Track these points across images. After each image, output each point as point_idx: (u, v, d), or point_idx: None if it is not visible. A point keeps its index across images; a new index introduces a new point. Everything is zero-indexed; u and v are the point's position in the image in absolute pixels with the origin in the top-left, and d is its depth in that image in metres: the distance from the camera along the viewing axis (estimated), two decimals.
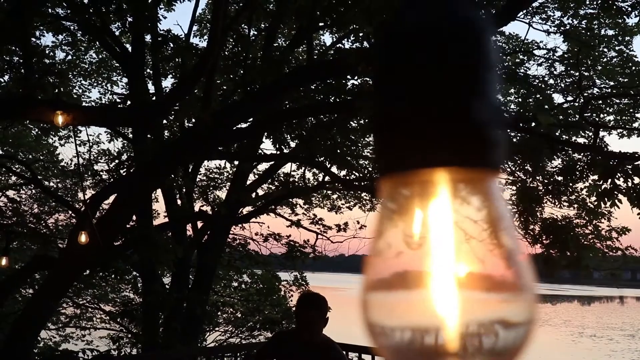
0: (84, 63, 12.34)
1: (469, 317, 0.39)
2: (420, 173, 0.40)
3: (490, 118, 0.40)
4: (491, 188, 0.41)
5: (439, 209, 0.40)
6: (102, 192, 6.56)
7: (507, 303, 0.40)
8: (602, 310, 59.87)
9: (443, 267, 0.40)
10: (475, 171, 0.40)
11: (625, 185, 4.77)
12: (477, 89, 0.40)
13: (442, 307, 0.39)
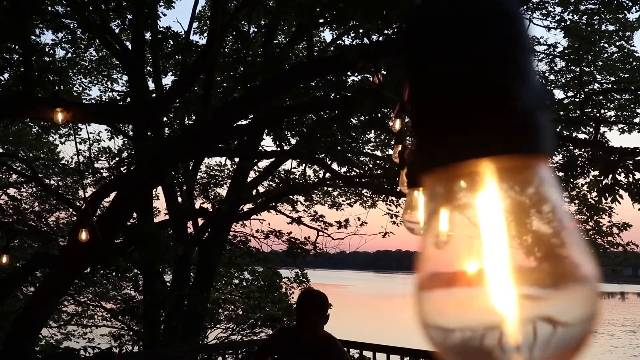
0: (84, 61, 12.34)
1: (527, 314, 0.37)
2: (468, 165, 0.38)
3: (534, 102, 0.38)
4: (542, 175, 0.39)
5: (490, 201, 0.39)
6: (102, 189, 6.56)
7: (567, 297, 0.38)
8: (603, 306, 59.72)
9: (498, 263, 0.38)
10: (524, 158, 0.38)
11: (626, 181, 4.76)
12: (517, 73, 0.39)
13: (500, 303, 0.38)
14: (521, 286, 0.38)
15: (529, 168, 0.39)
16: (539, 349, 0.37)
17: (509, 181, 0.39)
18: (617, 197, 4.87)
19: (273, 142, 8.30)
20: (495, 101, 0.38)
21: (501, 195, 0.39)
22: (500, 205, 0.39)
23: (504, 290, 0.38)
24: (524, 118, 0.38)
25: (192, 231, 10.53)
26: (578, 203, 9.68)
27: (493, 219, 0.39)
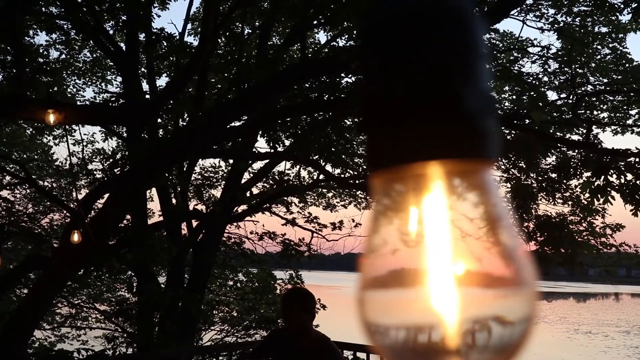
0: (78, 62, 12.30)
1: (467, 315, 0.38)
2: (414, 167, 0.39)
3: (482, 107, 0.39)
4: (486, 180, 0.40)
5: (434, 204, 0.39)
6: (95, 191, 6.55)
7: (506, 299, 0.39)
8: (598, 306, 60.03)
9: (440, 264, 0.39)
10: (470, 163, 0.39)
11: (618, 182, 4.78)
12: (466, 78, 0.39)
13: (440, 304, 0.38)
14: (462, 288, 0.39)
15: (474, 173, 0.39)
16: (478, 349, 0.38)
17: (454, 185, 0.39)
18: (609, 199, 4.89)
19: (266, 144, 8.31)
20: (442, 106, 0.38)
21: (446, 198, 0.39)
22: (445, 208, 0.39)
23: (446, 291, 0.38)
24: (470, 123, 0.38)
25: (186, 233, 10.52)
26: (571, 204, 9.71)
27: (437, 222, 0.39)
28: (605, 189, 4.81)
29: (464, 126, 0.38)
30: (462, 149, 0.38)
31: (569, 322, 39.94)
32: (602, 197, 4.91)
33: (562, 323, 39.56)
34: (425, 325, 0.39)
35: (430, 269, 0.39)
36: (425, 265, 0.39)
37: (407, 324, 0.39)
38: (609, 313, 49.31)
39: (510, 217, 0.40)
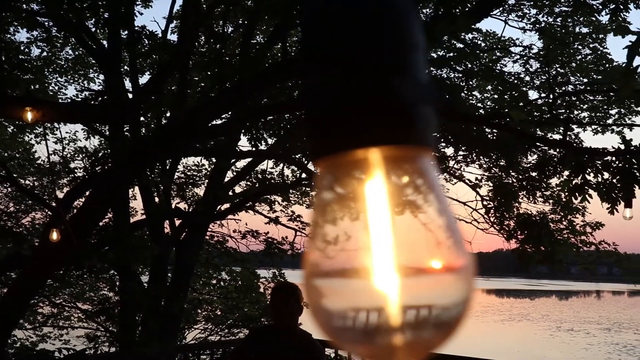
0: (60, 59, 12.20)
1: (408, 296, 0.40)
2: (352, 154, 0.40)
3: (418, 96, 0.40)
4: (425, 166, 0.41)
5: (375, 190, 0.40)
6: (76, 189, 6.51)
7: (445, 282, 0.40)
8: (580, 304, 60.60)
9: (382, 248, 0.40)
10: (407, 149, 0.40)
11: (595, 180, 4.85)
12: (402, 68, 0.40)
13: (383, 287, 0.40)
14: (404, 272, 0.40)
15: (412, 159, 0.41)
16: (417, 329, 0.40)
17: (393, 171, 0.40)
18: (586, 197, 4.96)
19: (248, 142, 8.30)
20: (379, 94, 0.39)
21: (386, 185, 0.40)
22: (384, 195, 0.40)
23: (388, 275, 0.40)
24: (405, 111, 0.39)
25: (169, 231, 10.49)
26: (552, 203, 9.81)
27: (378, 207, 0.40)
28: (582, 188, 4.87)
29: (400, 114, 0.39)
30: (398, 135, 0.39)
31: (552, 320, 40.27)
32: (579, 196, 4.97)
33: (544, 321, 39.88)
34: (368, 308, 0.40)
35: (373, 254, 0.40)
36: (369, 250, 0.40)
37: (351, 306, 0.40)
38: (590, 311, 49.79)
39: (448, 202, 0.42)
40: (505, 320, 40.34)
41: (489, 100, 10.36)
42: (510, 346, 25.19)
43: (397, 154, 0.40)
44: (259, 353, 3.79)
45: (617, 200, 4.69)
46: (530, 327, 36.07)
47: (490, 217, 9.56)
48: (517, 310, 48.26)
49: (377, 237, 0.40)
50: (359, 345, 0.41)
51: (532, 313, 45.93)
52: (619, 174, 4.56)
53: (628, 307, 56.34)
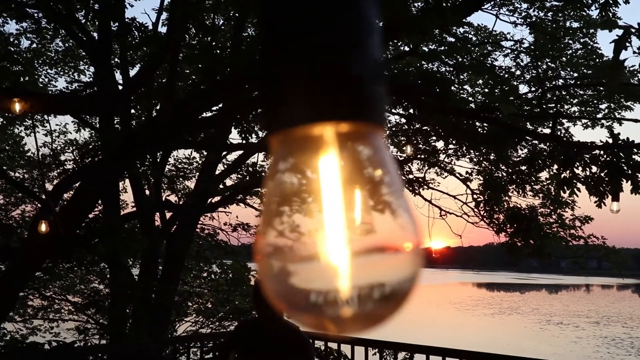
0: (50, 51, 12.12)
1: (357, 271, 0.40)
2: (304, 129, 0.40)
3: (370, 73, 0.41)
4: (376, 143, 0.41)
5: (326, 166, 0.41)
6: (65, 181, 6.48)
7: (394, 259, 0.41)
8: (569, 298, 61.00)
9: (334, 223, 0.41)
10: (358, 125, 0.41)
11: (584, 174, 4.88)
12: (355, 47, 0.41)
13: (333, 262, 0.40)
14: (354, 247, 0.41)
15: (364, 136, 0.41)
16: (366, 303, 0.40)
17: (345, 148, 0.41)
18: (574, 190, 4.99)
19: (239, 135, 8.28)
20: (331, 71, 0.40)
21: (338, 161, 0.41)
22: (336, 171, 0.41)
23: (338, 251, 0.41)
24: (358, 88, 0.40)
25: (160, 224, 10.47)
26: (542, 197, 9.86)
27: (330, 183, 0.41)
28: (571, 181, 4.90)
29: (352, 90, 0.40)
30: (349, 111, 0.40)
31: (541, 313, 40.54)
32: (568, 189, 5.00)
33: (534, 314, 40.14)
34: (318, 281, 0.41)
35: (325, 228, 0.41)
36: (320, 225, 0.41)
37: (302, 280, 0.41)
38: (580, 304, 50.14)
39: (399, 179, 0.42)
40: (495, 313, 40.57)
41: (480, 95, 10.38)
42: (500, 339, 25.33)
43: (349, 130, 0.41)
44: (246, 345, 3.81)
45: (605, 193, 4.73)
46: (520, 321, 36.29)
47: (480, 210, 9.61)
48: (507, 304, 48.53)
49: (329, 213, 0.41)
50: (309, 316, 0.42)
51: (522, 306, 46.21)
52: (606, 168, 4.59)
53: (617, 301, 56.78)
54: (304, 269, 0.42)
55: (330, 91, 0.40)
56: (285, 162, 0.42)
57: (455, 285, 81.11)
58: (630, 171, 4.41)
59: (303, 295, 0.41)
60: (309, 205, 0.41)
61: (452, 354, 5.76)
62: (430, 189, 10.86)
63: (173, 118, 5.18)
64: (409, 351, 6.33)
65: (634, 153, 4.41)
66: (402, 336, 6.96)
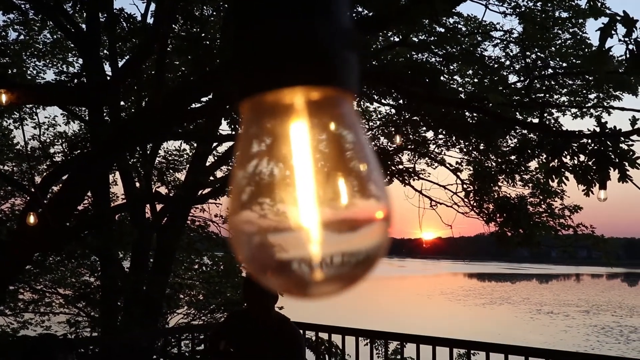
0: (38, 43, 12.03)
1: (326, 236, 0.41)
2: (274, 95, 0.41)
3: (339, 40, 0.41)
4: (346, 109, 0.42)
5: (296, 132, 0.41)
6: (53, 173, 6.46)
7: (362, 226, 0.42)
8: (560, 287, 61.42)
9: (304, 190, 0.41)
10: (327, 90, 0.41)
11: (572, 163, 4.91)
12: (324, 15, 0.41)
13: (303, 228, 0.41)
14: (324, 213, 0.41)
15: (334, 102, 0.42)
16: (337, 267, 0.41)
17: (315, 114, 0.41)
18: (563, 179, 5.02)
19: (228, 126, 8.26)
20: (301, 36, 0.40)
21: (308, 127, 0.41)
22: (307, 137, 0.41)
23: (309, 217, 0.41)
24: (327, 53, 0.40)
25: (150, 216, 10.44)
26: (532, 186, 9.91)
27: (300, 149, 0.41)
28: (559, 170, 4.93)
29: (321, 56, 0.40)
30: (319, 76, 0.40)
31: (532, 303, 40.80)
32: (556, 178, 5.04)
33: (525, 304, 40.39)
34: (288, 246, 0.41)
35: (296, 195, 0.41)
36: (292, 191, 0.41)
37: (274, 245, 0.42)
38: (570, 293, 50.51)
39: (370, 146, 0.43)
40: (486, 303, 40.79)
41: (470, 85, 10.40)
42: (491, 329, 25.49)
43: (319, 95, 0.41)
44: (236, 336, 3.81)
45: (593, 182, 4.76)
46: (511, 310, 36.51)
47: (470, 200, 9.64)
48: (498, 294, 48.80)
49: (299, 179, 0.41)
50: (277, 279, 0.42)
51: (513, 296, 46.50)
52: (594, 156, 4.62)
53: (606, 290, 57.22)
54: (275, 234, 0.42)
55: (300, 56, 0.40)
56: (255, 128, 0.42)
57: (447, 275, 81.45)
58: (618, 159, 4.44)
59: (274, 260, 0.41)
60: (279, 171, 0.42)
61: (442, 343, 5.80)
62: (420, 179, 10.89)
63: (162, 109, 5.16)
64: (400, 340, 6.36)
65: (621, 141, 4.45)
66: (394, 326, 7.01)
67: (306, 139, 0.41)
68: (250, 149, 0.42)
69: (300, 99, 0.41)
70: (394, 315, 29.42)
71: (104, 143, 5.66)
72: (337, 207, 0.41)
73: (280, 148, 0.42)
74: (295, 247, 0.41)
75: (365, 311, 29.35)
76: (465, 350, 6.06)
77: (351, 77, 0.41)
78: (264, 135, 0.42)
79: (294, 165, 0.41)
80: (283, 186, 0.42)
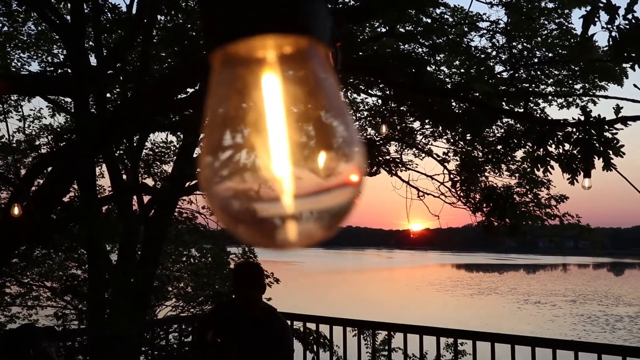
0: (22, 35, 11.91)
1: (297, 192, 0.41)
2: (245, 44, 0.40)
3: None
4: (319, 59, 0.41)
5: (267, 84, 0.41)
6: (38, 165, 6.41)
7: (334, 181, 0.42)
8: (547, 277, 61.90)
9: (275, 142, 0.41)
10: (299, 39, 0.41)
11: (557, 152, 4.94)
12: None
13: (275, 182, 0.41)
14: (297, 168, 0.41)
15: (306, 52, 0.41)
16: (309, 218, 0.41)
17: (286, 63, 0.41)
18: (548, 168, 5.05)
19: None
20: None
21: (280, 78, 0.41)
22: (278, 89, 0.41)
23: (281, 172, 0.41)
24: (295, 2, 0.40)
25: (137, 209, 10.40)
26: (518, 176, 9.96)
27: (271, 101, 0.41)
28: (544, 159, 4.96)
29: (292, 4, 0.40)
30: (290, 25, 0.40)
31: (519, 293, 41.10)
32: (542, 167, 5.07)
33: (512, 294, 40.69)
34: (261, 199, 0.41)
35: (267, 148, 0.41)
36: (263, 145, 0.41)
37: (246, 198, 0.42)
38: (557, 283, 50.93)
39: (341, 97, 0.42)
40: (474, 294, 41.04)
41: (457, 75, 10.42)
42: (479, 319, 25.66)
43: (290, 44, 0.41)
44: (223, 327, 3.81)
45: (577, 170, 4.79)
46: (498, 301, 36.77)
47: (457, 190, 9.68)
48: (486, 284, 49.12)
49: (271, 132, 0.41)
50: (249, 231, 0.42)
51: (501, 287, 46.82)
52: (579, 145, 4.65)
53: (593, 280, 57.74)
54: (247, 187, 0.42)
55: (269, 4, 0.40)
56: (226, 78, 0.42)
57: (435, 266, 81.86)
58: (602, 148, 4.47)
59: (245, 212, 0.41)
60: (250, 125, 0.41)
61: (429, 332, 5.84)
62: (407, 169, 10.91)
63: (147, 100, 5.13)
64: (387, 330, 6.39)
65: (605, 130, 4.47)
66: (383, 317, 7.03)
67: (277, 89, 0.41)
68: (221, 100, 0.42)
69: (271, 48, 0.41)
70: (383, 306, 29.55)
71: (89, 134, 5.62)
72: (309, 159, 0.41)
73: (251, 98, 0.41)
74: (268, 202, 0.41)
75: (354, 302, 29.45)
76: (453, 340, 6.10)
77: (322, 27, 0.41)
78: (235, 85, 0.42)
79: (265, 115, 0.41)
80: (254, 137, 0.41)
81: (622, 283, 54.75)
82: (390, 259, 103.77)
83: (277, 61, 0.41)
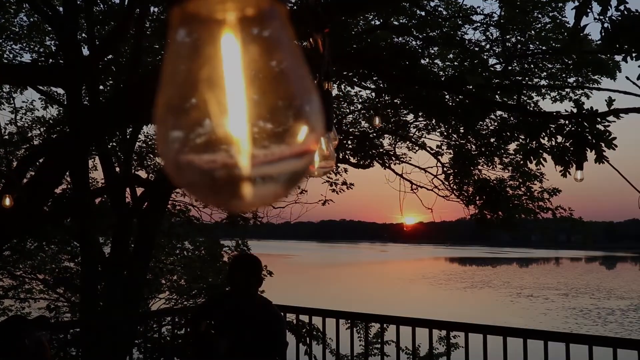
0: (14, 26, 11.83)
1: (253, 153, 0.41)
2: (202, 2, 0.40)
3: None
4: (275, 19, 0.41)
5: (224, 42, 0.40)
6: (30, 156, 6.38)
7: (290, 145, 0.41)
8: (539, 271, 62.15)
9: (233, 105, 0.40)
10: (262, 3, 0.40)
11: (549, 144, 4.95)
12: None
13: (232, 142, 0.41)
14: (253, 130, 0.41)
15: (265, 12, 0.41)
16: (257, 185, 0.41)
17: (246, 23, 0.40)
18: (540, 160, 5.06)
19: None
20: None
21: (238, 37, 0.41)
22: (236, 48, 0.41)
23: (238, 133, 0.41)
24: None
25: (130, 201, 10.38)
26: (511, 170, 9.99)
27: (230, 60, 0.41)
28: (537, 151, 4.97)
29: None
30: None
31: (512, 287, 41.28)
32: (534, 159, 5.08)
33: (505, 287, 40.87)
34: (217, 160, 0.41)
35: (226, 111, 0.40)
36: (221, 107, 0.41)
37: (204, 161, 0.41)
38: (549, 277, 51.16)
39: (302, 61, 0.42)
40: (467, 287, 41.20)
41: (451, 68, 10.42)
42: (472, 312, 25.76)
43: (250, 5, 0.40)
44: (217, 318, 3.81)
45: (570, 163, 4.81)
46: (491, 294, 36.93)
47: (450, 183, 9.70)
48: (479, 278, 49.31)
49: (229, 91, 0.41)
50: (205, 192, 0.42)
51: (494, 280, 47.01)
52: (571, 137, 4.66)
53: (585, 273, 58.03)
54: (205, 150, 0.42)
55: None
56: (184, 37, 0.41)
57: (428, 260, 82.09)
58: (594, 140, 4.48)
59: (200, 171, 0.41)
60: (206, 83, 0.41)
61: (422, 324, 5.85)
62: (401, 162, 10.92)
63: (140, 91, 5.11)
64: (380, 322, 6.41)
65: (598, 122, 4.48)
66: (375, 309, 7.05)
67: (236, 50, 0.41)
68: (178, 58, 0.41)
69: (231, 8, 0.40)
70: (377, 299, 29.64)
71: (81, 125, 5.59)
72: (267, 120, 0.41)
73: (209, 58, 0.41)
74: (226, 165, 0.41)
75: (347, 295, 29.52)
76: (446, 332, 6.12)
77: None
78: (193, 44, 0.41)
79: (223, 75, 0.41)
80: (210, 96, 0.41)
81: (614, 277, 55.05)
82: (384, 253, 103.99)
83: (237, 21, 0.40)
